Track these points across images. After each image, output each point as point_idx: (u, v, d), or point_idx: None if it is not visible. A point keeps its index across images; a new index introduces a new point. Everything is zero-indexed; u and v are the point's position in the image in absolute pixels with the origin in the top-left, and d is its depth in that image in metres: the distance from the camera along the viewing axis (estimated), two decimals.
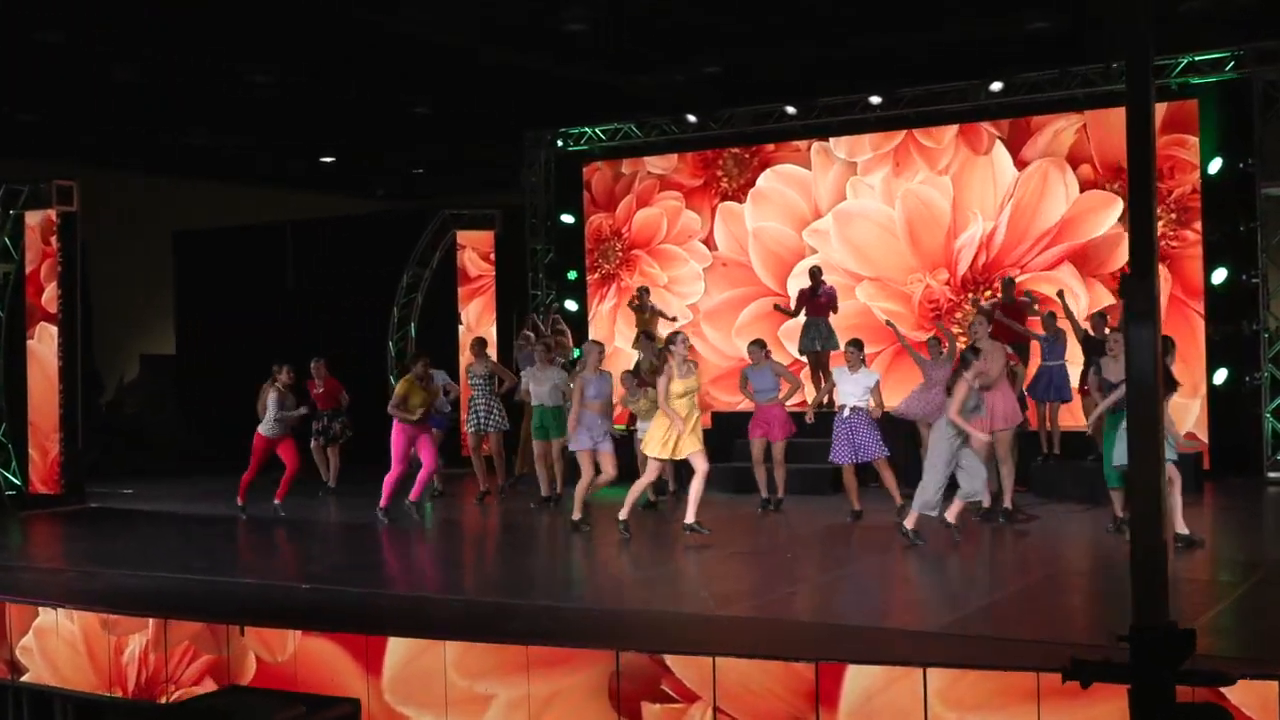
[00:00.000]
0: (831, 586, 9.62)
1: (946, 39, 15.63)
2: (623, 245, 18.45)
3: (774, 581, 9.69)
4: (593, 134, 18.24)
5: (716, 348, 17.82)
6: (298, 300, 20.18)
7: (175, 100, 17.66)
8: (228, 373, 20.40)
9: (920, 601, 9.14)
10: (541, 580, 10.36)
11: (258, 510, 13.55)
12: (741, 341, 17.36)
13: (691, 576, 10.11)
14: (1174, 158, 15.22)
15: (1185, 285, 15.25)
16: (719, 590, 9.33)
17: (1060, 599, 9.06)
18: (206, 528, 13.27)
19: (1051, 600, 8.96)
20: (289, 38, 15.03)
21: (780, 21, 15.10)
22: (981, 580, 9.93)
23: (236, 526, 13.23)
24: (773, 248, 17.50)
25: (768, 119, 17.16)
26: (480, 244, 18.78)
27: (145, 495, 16.01)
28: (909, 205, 16.77)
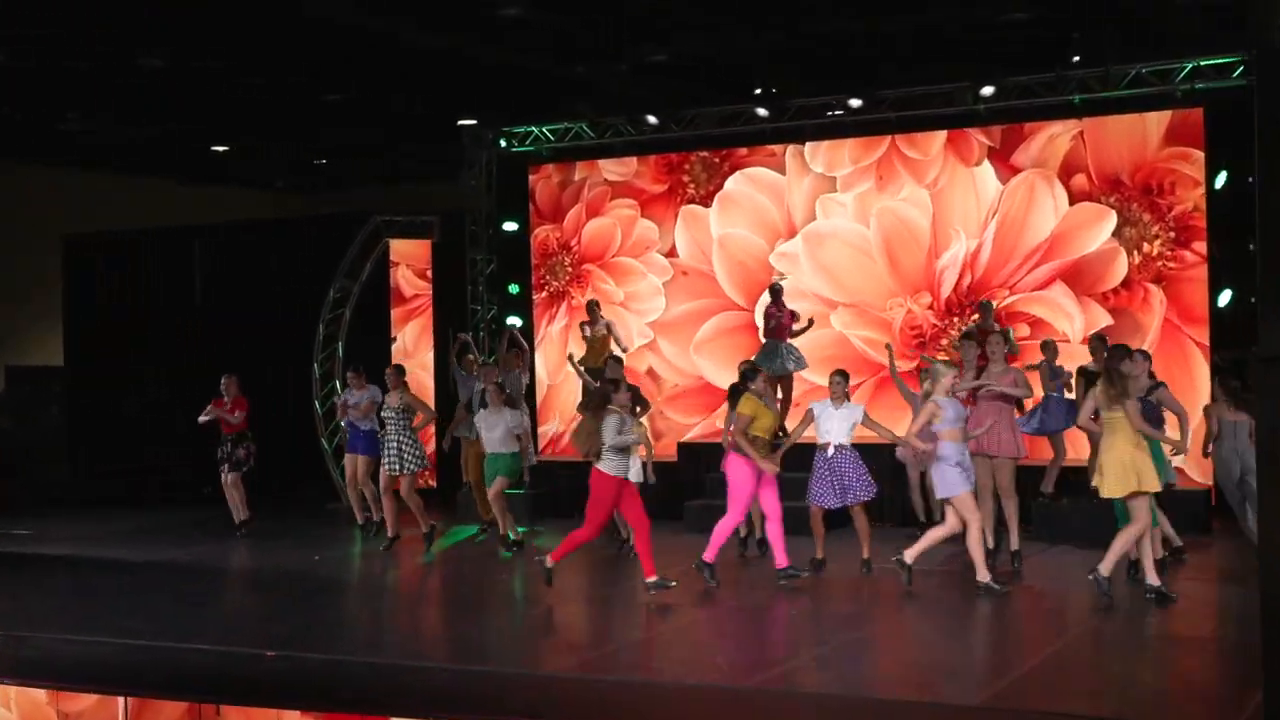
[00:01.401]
0: (853, 650, 9.58)
1: (929, 20, 15.52)
2: (572, 259, 18.28)
3: (786, 645, 9.64)
4: (540, 133, 18.04)
5: (673, 364, 17.70)
6: (207, 314, 19.75)
7: (56, 85, 17.10)
8: (125, 391, 20.03)
9: (954, 668, 9.11)
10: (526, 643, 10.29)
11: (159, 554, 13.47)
12: (701, 359, 17.37)
13: (691, 640, 10.08)
14: (1176, 172, 15.40)
15: (1181, 310, 15.44)
16: (735, 657, 9.30)
17: (1101, 662, 9.14)
18: (132, 577, 12.92)
19: (1095, 666, 9.04)
20: (186, 17, 14.55)
21: (739, 3, 14.87)
22: (1011, 641, 9.98)
23: (166, 576, 12.91)
24: (739, 257, 17.41)
25: (736, 120, 17.05)
26: (416, 259, 18.51)
27: (46, 536, 15.56)
28: (885, 224, 16.75)
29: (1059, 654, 9.18)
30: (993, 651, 9.67)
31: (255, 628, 10.64)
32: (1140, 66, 15.22)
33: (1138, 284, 15.61)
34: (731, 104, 17.06)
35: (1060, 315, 15.84)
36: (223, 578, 13.09)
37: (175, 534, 15.61)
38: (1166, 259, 15.51)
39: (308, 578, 12.77)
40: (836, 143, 16.89)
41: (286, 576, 12.96)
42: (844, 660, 9.29)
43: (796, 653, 9.40)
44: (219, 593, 12.44)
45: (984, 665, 9.17)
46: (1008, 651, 9.64)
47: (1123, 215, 15.63)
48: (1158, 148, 15.46)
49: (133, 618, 10.82)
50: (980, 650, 9.72)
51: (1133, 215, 15.61)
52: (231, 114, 18.74)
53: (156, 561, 13.69)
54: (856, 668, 9.18)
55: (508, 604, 11.76)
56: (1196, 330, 15.35)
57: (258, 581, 12.91)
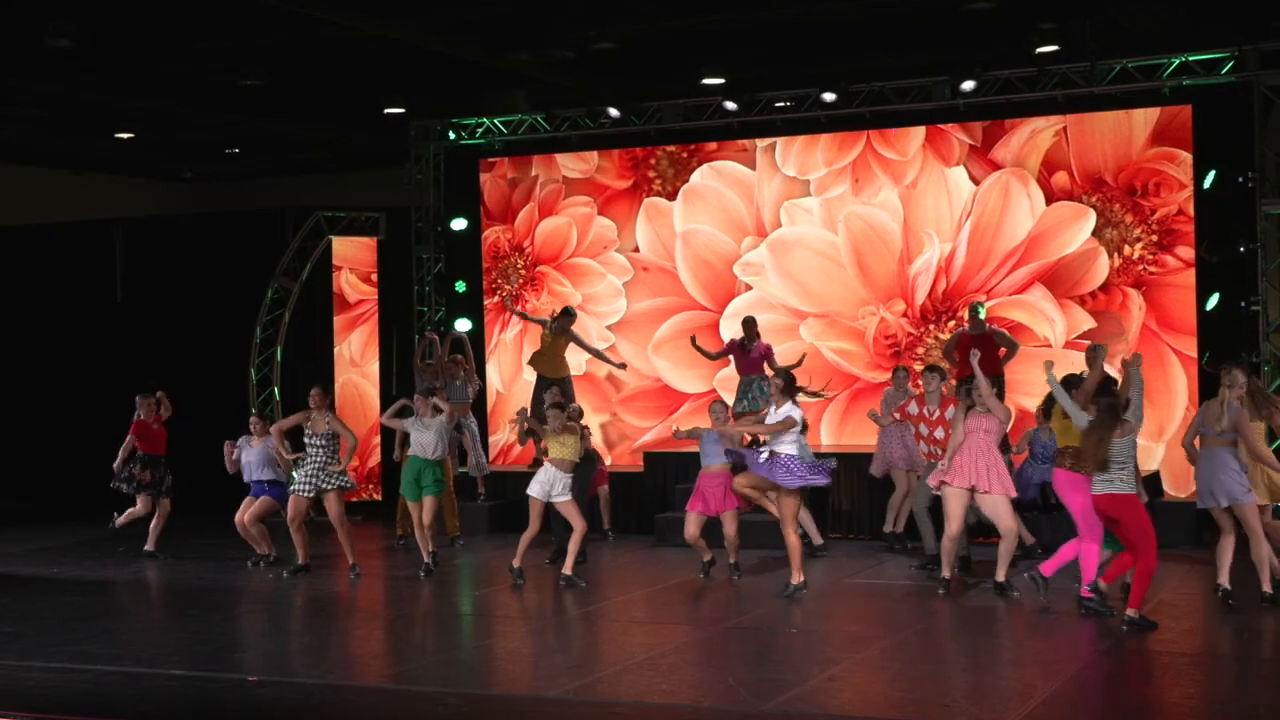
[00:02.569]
0: (870, 669, 9.70)
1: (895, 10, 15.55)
2: (525, 262, 18.29)
3: (799, 665, 9.75)
4: (491, 125, 18.02)
5: (631, 364, 17.68)
6: (129, 316, 19.50)
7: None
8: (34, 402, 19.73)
9: (980, 688, 9.26)
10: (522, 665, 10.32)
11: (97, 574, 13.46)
12: (659, 359, 17.47)
13: (700, 660, 10.16)
14: (1161, 173, 15.70)
15: (1161, 317, 15.74)
16: (744, 678, 9.35)
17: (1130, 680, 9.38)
18: (73, 598, 12.75)
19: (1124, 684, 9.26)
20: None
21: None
22: (1031, 659, 10.16)
23: (113, 596, 12.78)
24: (703, 255, 17.51)
25: (701, 114, 17.12)
26: (360, 262, 18.46)
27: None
28: (854, 229, 16.91)
29: (1079, 676, 9.35)
30: (1014, 671, 9.80)
31: (230, 653, 10.57)
32: (1126, 62, 15.48)
33: (1116, 288, 15.88)
34: (698, 96, 17.08)
35: (1040, 319, 16.08)
36: (175, 598, 12.94)
37: (103, 552, 15.40)
38: (1148, 263, 15.80)
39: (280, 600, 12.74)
40: (809, 144, 17.03)
41: (252, 598, 12.93)
42: (860, 682, 9.41)
43: (806, 674, 9.46)
44: (178, 614, 12.31)
45: (1006, 687, 9.29)
46: (1025, 673, 9.79)
47: (1104, 216, 15.90)
48: (1144, 147, 15.75)
49: (93, 641, 10.72)
50: (1000, 671, 9.85)
51: (1115, 216, 15.88)
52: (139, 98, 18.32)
53: (98, 581, 13.50)
54: (874, 689, 9.30)
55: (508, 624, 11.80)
56: (1176, 338, 15.64)
57: (218, 602, 12.75)
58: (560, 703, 8.88)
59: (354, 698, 9.23)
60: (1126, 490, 10.34)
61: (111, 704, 8.96)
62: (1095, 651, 10.05)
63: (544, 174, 18.19)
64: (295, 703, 9.12)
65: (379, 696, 9.23)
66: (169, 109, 18.66)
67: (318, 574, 13.69)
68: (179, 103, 18.28)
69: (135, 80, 17.19)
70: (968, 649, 10.54)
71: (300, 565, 13.53)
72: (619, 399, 17.52)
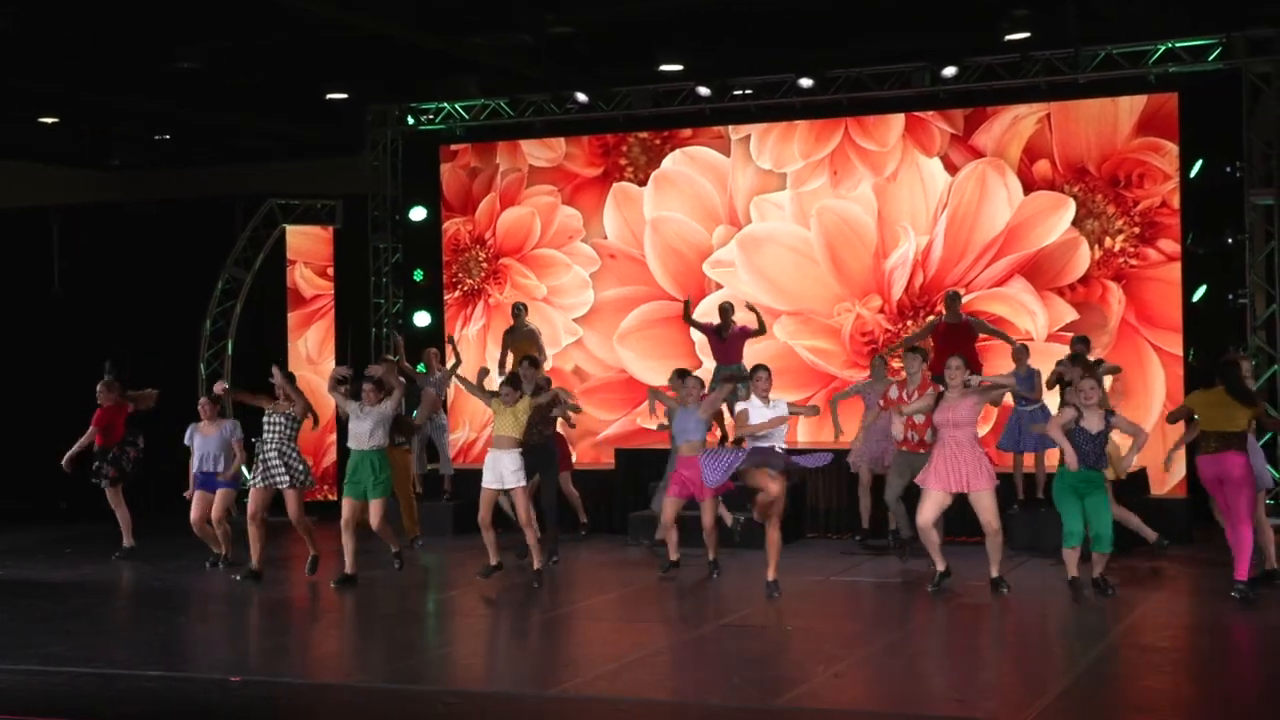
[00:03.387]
0: (874, 665, 9.79)
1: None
2: (487, 254, 18.27)
3: (802, 662, 9.84)
4: (452, 110, 18.00)
5: (594, 355, 17.80)
6: (68, 308, 19.30)
7: None
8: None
9: (990, 683, 9.37)
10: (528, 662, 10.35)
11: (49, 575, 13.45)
12: (624, 350, 17.52)
13: (699, 657, 10.23)
14: (1146, 164, 15.91)
15: (1141, 311, 15.94)
16: (747, 675, 9.42)
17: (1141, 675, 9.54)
18: (27, 600, 12.63)
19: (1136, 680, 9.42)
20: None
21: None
22: (1037, 653, 10.31)
23: (71, 599, 12.69)
24: (674, 243, 17.57)
25: (673, 100, 17.17)
26: (316, 255, 18.38)
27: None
28: (826, 224, 17.02)
29: (1092, 670, 9.48)
30: (1022, 666, 9.93)
31: (204, 653, 10.52)
32: (1110, 48, 15.67)
33: (1096, 280, 16.08)
34: (668, 82, 17.12)
35: (1022, 312, 16.25)
36: (138, 599, 12.86)
37: (48, 553, 15.26)
38: (1129, 255, 16.00)
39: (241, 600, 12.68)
40: (785, 136, 17.12)
41: (217, 599, 12.85)
42: (868, 678, 9.50)
43: (811, 671, 9.52)
44: (145, 615, 12.23)
45: (1017, 682, 9.41)
46: (1034, 667, 9.91)
47: (1086, 206, 16.09)
48: (1128, 137, 15.95)
49: (60, 643, 10.63)
50: (1007, 667, 9.98)
51: (1096, 207, 16.08)
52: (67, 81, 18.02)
53: (51, 584, 13.42)
54: (884, 686, 9.39)
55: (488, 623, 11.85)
56: (1155, 334, 15.84)
57: (181, 604, 12.70)
58: (561, 700, 8.91)
59: (344, 697, 9.21)
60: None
61: (92, 705, 8.89)
62: (1104, 645, 10.18)
63: (508, 163, 18.18)
64: (284, 702, 9.10)
65: (371, 696, 9.20)
66: (99, 94, 18.43)
67: (282, 575, 13.61)
68: (112, 88, 18.07)
69: (62, 64, 16.95)
70: (970, 645, 10.69)
71: (256, 570, 13.20)
72: (581, 389, 17.48)
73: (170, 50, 15.87)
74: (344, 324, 18.12)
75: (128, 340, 18.54)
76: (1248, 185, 15.29)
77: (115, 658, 10.15)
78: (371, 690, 9.31)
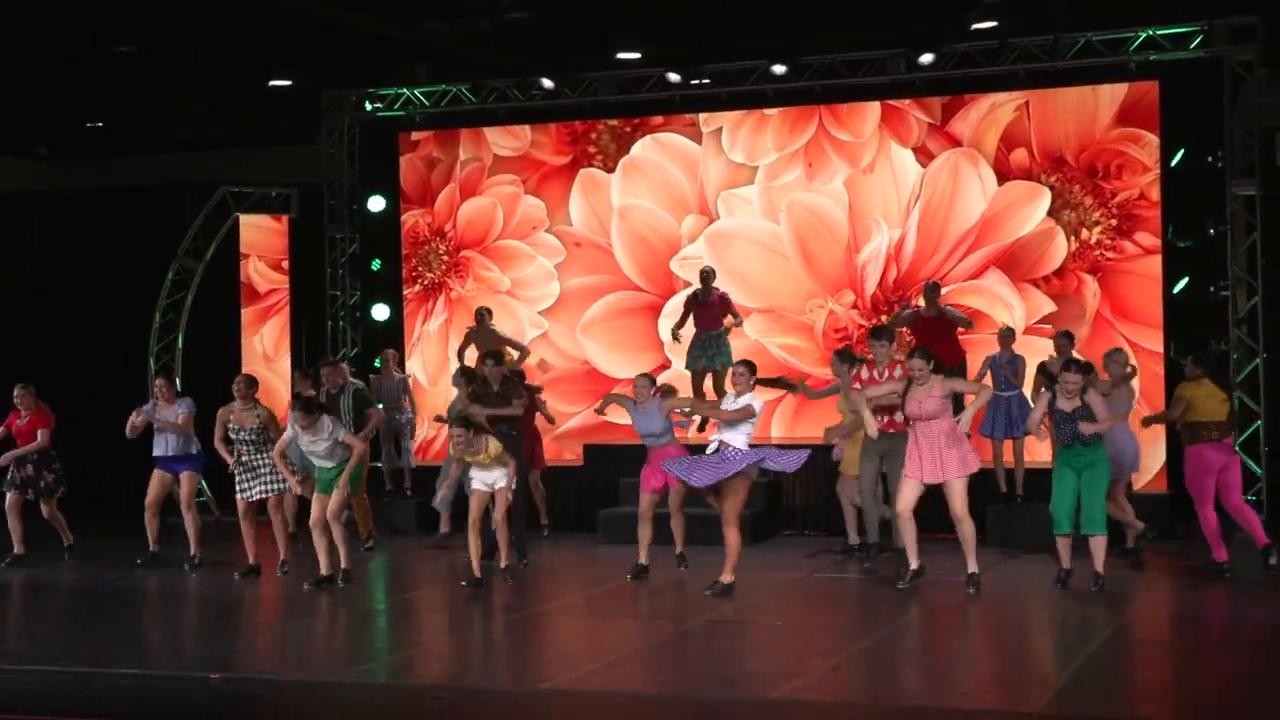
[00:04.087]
0: (871, 659, 9.90)
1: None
2: (448, 247, 18.27)
3: (797, 656, 9.92)
4: (411, 96, 17.98)
5: (557, 345, 17.79)
6: (7, 301, 19.16)
7: None
8: None
9: (993, 676, 9.51)
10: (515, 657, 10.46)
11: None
12: (588, 340, 17.57)
13: (689, 653, 10.33)
14: (1125, 155, 16.10)
15: (1116, 305, 16.15)
16: (742, 669, 9.57)
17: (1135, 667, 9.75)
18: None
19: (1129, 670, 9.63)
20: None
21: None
22: (1036, 646, 10.50)
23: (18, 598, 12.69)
24: (641, 232, 17.62)
25: (642, 86, 17.23)
26: (270, 249, 18.32)
27: None
28: (796, 218, 17.12)
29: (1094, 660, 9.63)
30: (1022, 659, 10.09)
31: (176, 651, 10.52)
32: (1091, 35, 15.83)
33: (1071, 273, 16.27)
34: (638, 67, 17.16)
35: (999, 305, 16.42)
36: (96, 599, 12.78)
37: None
38: (1105, 248, 16.20)
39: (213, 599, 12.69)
40: (758, 128, 17.21)
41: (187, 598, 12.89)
42: (866, 672, 9.61)
43: (807, 664, 9.59)
44: (106, 615, 12.16)
45: (1020, 674, 9.56)
46: (1029, 660, 10.09)
47: (1063, 197, 16.27)
48: (1108, 127, 16.13)
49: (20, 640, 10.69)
50: (1007, 659, 10.12)
51: (1074, 198, 16.27)
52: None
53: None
54: (884, 679, 9.50)
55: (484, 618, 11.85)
56: (1130, 328, 16.04)
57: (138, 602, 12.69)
58: (556, 694, 8.95)
59: (330, 693, 9.22)
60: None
61: (74, 703, 8.87)
62: (1099, 638, 10.33)
63: (471, 152, 18.17)
64: (267, 699, 9.11)
65: (361, 691, 9.22)
66: (29, 81, 18.21)
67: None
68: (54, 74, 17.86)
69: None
70: (963, 639, 10.82)
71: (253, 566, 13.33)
72: (543, 381, 17.44)
73: (114, 35, 15.74)
74: (300, 318, 18.05)
75: (73, 334, 18.48)
76: (1229, 175, 15.48)
77: (84, 655, 10.10)
78: (359, 685, 9.34)
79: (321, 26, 15.80)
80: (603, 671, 9.55)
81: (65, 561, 14.38)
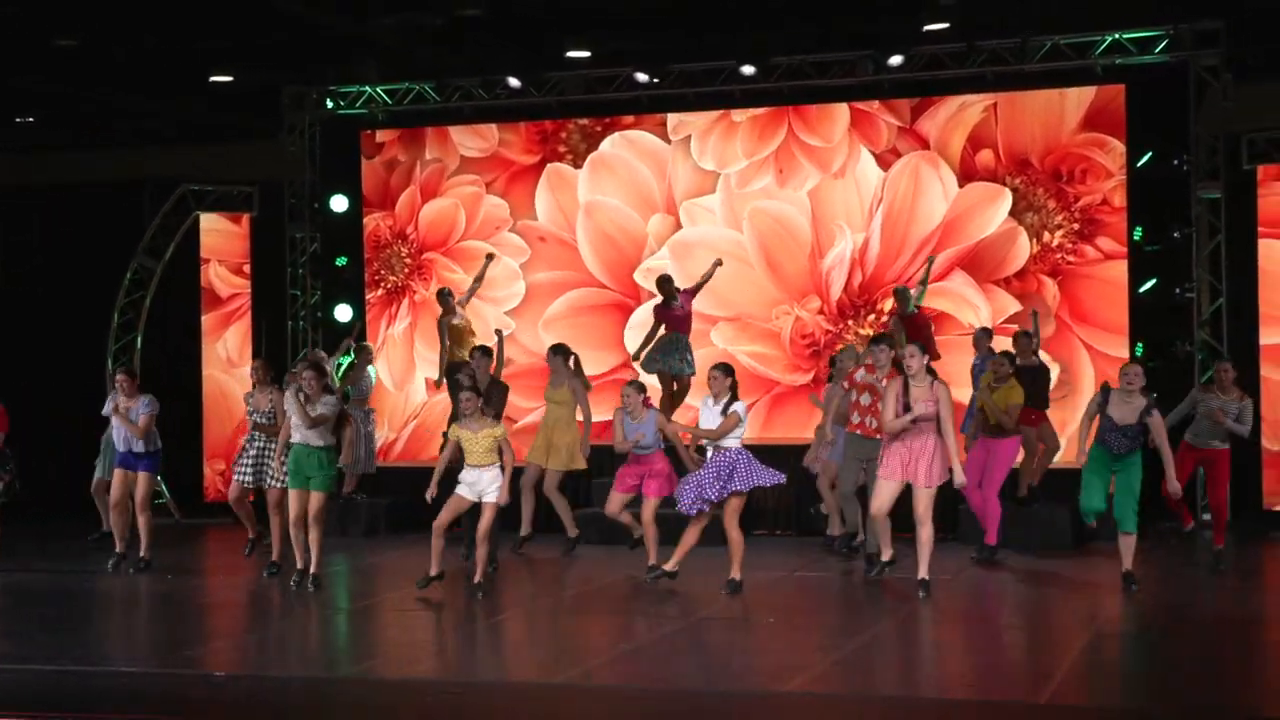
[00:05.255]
0: (871, 654, 10.06)
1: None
2: (410, 250, 18.28)
3: (798, 651, 10.07)
4: (374, 94, 17.97)
5: (519, 340, 17.70)
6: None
7: None
8: None
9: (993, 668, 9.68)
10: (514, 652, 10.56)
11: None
12: (550, 335, 17.42)
13: (690, 648, 10.44)
14: (1089, 160, 16.35)
15: (1075, 308, 16.41)
16: (745, 664, 9.70)
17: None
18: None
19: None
20: None
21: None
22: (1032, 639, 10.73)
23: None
24: (607, 229, 17.70)
25: (608, 85, 17.32)
26: (230, 253, 18.26)
27: None
28: (759, 226, 17.27)
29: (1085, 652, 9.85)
30: (1020, 651, 10.33)
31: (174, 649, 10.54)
32: (1058, 38, 16.07)
33: (1032, 274, 16.50)
34: (606, 67, 17.22)
35: (964, 306, 16.62)
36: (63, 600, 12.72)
37: None
38: (1066, 251, 16.44)
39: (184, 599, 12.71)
40: (727, 135, 17.33)
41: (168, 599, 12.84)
42: (870, 665, 9.77)
43: (809, 659, 9.73)
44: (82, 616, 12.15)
45: (1020, 666, 9.77)
46: (1033, 651, 10.31)
47: (1027, 200, 16.50)
48: (1074, 131, 16.37)
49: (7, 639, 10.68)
50: (1006, 652, 10.38)
51: (1037, 201, 16.50)
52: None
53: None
54: (888, 672, 9.66)
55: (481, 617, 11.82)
56: (1087, 331, 16.32)
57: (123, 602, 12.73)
58: (567, 689, 9.04)
59: (339, 689, 9.25)
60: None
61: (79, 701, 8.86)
62: (1086, 629, 10.57)
63: (436, 152, 18.18)
64: (273, 696, 9.13)
65: (366, 687, 9.26)
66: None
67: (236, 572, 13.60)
68: None
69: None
70: (959, 633, 11.01)
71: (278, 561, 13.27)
72: (505, 375, 17.35)
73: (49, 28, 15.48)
74: (260, 318, 17.99)
75: (28, 333, 18.34)
76: (1195, 179, 15.79)
77: (79, 655, 10.10)
78: (367, 681, 9.39)
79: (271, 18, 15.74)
80: (607, 667, 9.67)
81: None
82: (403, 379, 18.08)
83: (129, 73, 17.47)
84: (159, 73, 17.62)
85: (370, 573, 14.12)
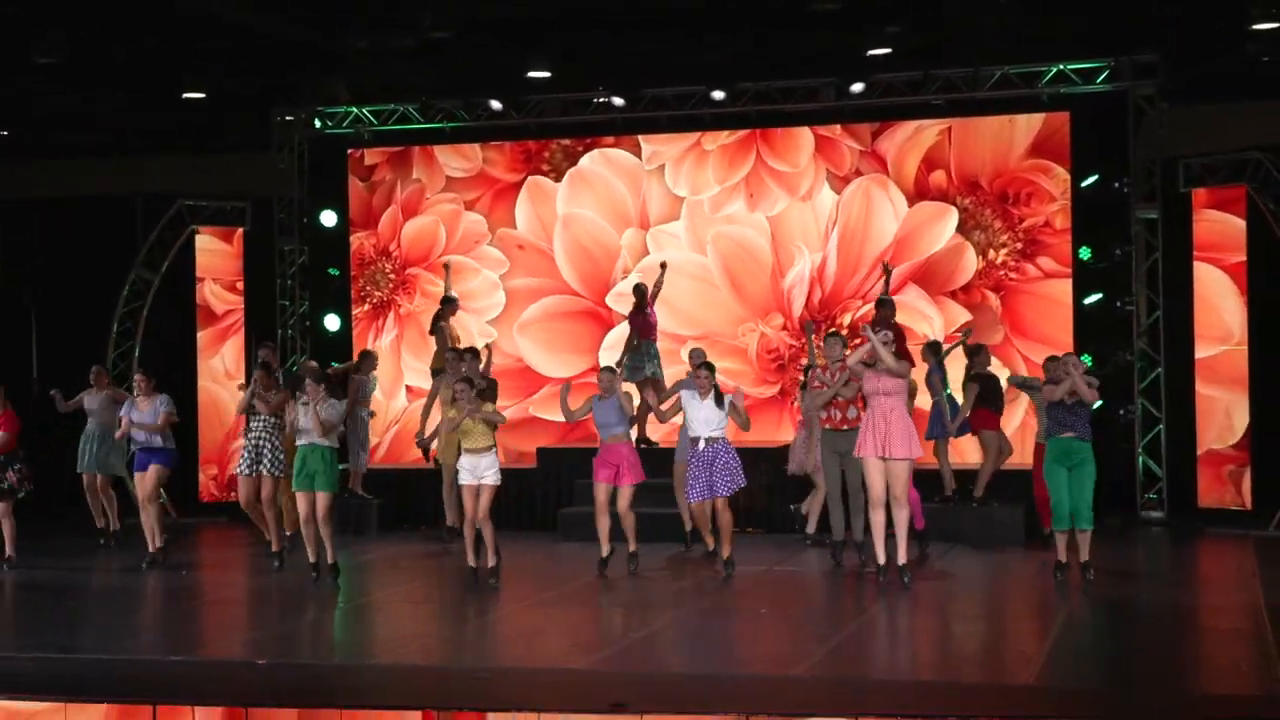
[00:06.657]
0: (866, 640, 10.55)
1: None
2: (394, 266, 18.65)
3: (795, 640, 10.55)
4: (360, 114, 18.31)
5: (496, 344, 17.84)
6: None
7: None
8: None
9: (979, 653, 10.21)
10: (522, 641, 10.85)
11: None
12: (524, 339, 18.12)
13: (696, 637, 10.91)
14: (1035, 184, 16.96)
15: (1015, 323, 16.99)
16: (746, 653, 10.21)
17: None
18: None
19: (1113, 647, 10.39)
20: None
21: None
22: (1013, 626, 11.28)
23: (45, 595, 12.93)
24: (584, 242, 18.15)
25: (586, 109, 17.78)
26: (224, 271, 18.47)
27: None
28: (722, 249, 17.84)
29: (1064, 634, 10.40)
30: (1002, 637, 10.86)
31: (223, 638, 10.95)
32: (1008, 68, 16.70)
33: (976, 289, 17.10)
34: (584, 91, 17.69)
35: (918, 317, 17.17)
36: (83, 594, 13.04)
37: None
38: (1009, 269, 17.04)
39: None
40: (699, 162, 17.83)
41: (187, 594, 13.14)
42: (868, 652, 10.28)
43: (809, 648, 10.11)
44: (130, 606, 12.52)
45: (1004, 651, 10.29)
46: (1013, 637, 10.87)
47: (974, 219, 17.08)
48: (1022, 156, 16.98)
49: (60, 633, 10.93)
50: (989, 637, 10.84)
51: (984, 220, 17.09)
52: None
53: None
54: (889, 658, 10.18)
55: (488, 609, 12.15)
56: (1026, 344, 16.88)
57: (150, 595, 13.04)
58: (591, 674, 9.43)
59: (373, 677, 9.62)
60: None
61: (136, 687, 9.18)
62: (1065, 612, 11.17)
63: (422, 171, 18.55)
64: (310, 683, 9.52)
65: (404, 674, 9.63)
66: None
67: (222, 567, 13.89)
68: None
69: None
70: (941, 620, 11.38)
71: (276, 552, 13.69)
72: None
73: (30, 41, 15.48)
74: (253, 330, 18.24)
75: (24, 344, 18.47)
76: (1134, 200, 16.47)
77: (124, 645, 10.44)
78: (398, 668, 9.76)
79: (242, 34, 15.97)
80: (619, 656, 10.02)
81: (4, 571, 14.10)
82: (391, 388, 18.42)
83: (118, 85, 17.61)
84: (150, 86, 17.79)
85: (374, 568, 14.41)
